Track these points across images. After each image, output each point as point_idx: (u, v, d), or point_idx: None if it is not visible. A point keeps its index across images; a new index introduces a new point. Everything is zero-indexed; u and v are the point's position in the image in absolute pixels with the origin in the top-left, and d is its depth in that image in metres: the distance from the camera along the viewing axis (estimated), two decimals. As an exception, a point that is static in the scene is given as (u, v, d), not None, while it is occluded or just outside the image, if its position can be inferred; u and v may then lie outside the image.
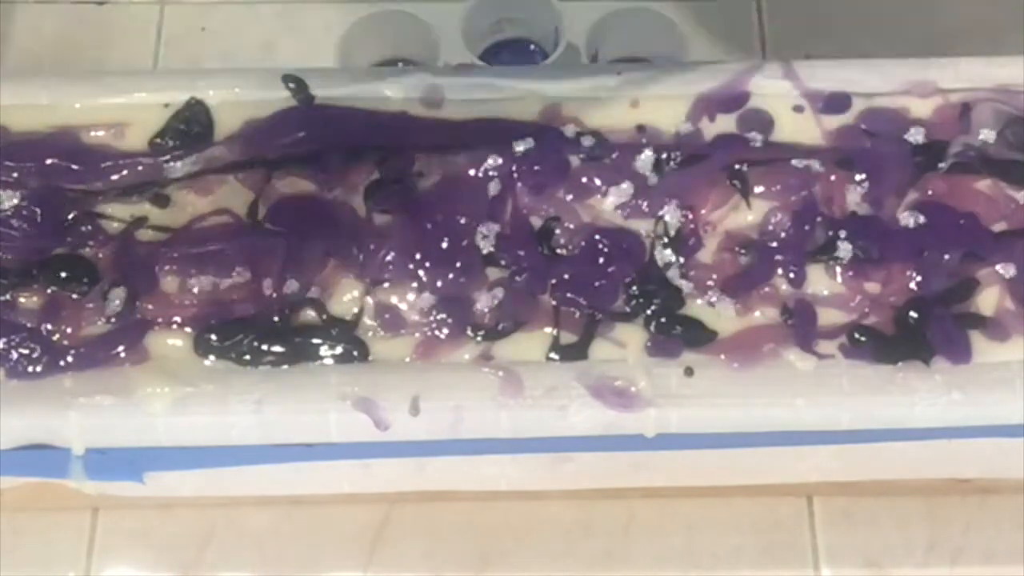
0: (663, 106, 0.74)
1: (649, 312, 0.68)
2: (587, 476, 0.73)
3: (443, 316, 0.68)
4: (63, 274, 0.68)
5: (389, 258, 0.69)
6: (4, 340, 0.67)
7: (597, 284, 0.69)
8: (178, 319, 0.68)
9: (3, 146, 0.71)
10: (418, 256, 0.69)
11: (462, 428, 0.66)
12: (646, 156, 0.72)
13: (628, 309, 0.68)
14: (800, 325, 0.68)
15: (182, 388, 0.66)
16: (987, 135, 0.73)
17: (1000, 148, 0.73)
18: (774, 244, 0.70)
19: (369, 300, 0.68)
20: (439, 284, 0.69)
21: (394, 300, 0.68)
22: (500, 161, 0.71)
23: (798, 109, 0.74)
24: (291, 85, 0.74)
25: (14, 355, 0.66)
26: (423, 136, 0.73)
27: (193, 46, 0.92)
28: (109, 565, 0.76)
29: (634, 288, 0.69)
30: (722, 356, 0.67)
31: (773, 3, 0.93)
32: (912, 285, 0.69)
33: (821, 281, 0.69)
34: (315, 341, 0.67)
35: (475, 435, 0.67)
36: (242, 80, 0.74)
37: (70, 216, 0.70)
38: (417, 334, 0.68)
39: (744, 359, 0.67)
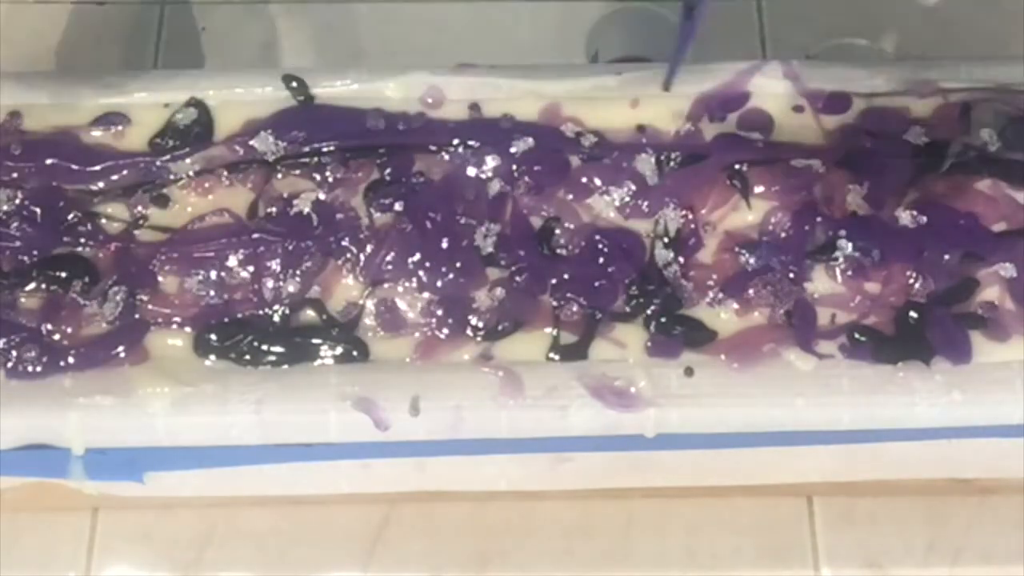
0: (663, 106, 0.74)
1: (649, 312, 0.68)
2: (587, 476, 0.73)
3: (443, 316, 0.68)
4: (63, 274, 0.68)
5: (389, 258, 0.69)
6: (4, 340, 0.67)
7: (597, 284, 0.69)
8: (178, 319, 0.68)
9: (3, 146, 0.71)
10: (418, 256, 0.69)
11: (462, 428, 0.66)
12: (646, 156, 0.72)
13: (628, 309, 0.68)
14: (800, 325, 0.68)
15: (182, 388, 0.66)
16: (987, 135, 0.73)
17: (1000, 148, 0.73)
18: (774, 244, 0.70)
19: (369, 300, 0.68)
20: (439, 284, 0.69)
21: (394, 300, 0.68)
22: (500, 161, 0.71)
23: (798, 109, 0.74)
24: (291, 85, 0.74)
25: (14, 355, 0.66)
26: (423, 136, 0.73)
27: (193, 46, 0.92)
28: (109, 565, 0.76)
29: (634, 288, 0.69)
30: (722, 356, 0.67)
31: (773, 3, 0.93)
32: (912, 285, 0.69)
33: (821, 281, 0.69)
34: (315, 341, 0.67)
35: (475, 435, 0.67)
36: (242, 80, 0.74)
37: (70, 216, 0.70)
38: (417, 334, 0.68)
39: (744, 359, 0.67)
